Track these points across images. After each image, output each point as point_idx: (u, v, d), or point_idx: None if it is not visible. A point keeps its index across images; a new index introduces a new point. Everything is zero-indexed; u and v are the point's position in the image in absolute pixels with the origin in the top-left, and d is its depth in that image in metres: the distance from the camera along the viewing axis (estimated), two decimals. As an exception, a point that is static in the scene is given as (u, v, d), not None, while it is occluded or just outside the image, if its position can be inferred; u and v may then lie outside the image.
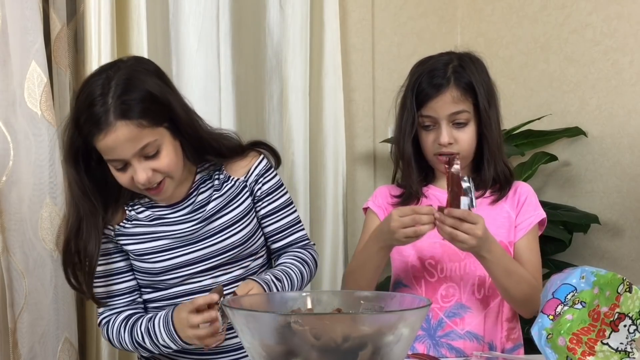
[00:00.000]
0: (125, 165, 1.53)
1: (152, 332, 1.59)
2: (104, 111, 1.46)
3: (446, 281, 1.72)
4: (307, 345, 1.08)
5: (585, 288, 1.36)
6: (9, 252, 1.88)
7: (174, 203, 1.67)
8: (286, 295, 1.39)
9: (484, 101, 1.70)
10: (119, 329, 1.64)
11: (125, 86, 1.49)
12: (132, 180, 1.54)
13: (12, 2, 1.87)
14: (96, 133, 1.47)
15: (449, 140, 1.69)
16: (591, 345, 1.29)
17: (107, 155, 1.52)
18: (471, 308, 1.71)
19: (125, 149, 1.49)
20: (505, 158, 1.78)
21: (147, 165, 1.52)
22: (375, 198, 1.85)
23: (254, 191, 1.71)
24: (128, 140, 1.48)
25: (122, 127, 1.47)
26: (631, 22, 2.42)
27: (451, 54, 1.75)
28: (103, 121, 1.46)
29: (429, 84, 1.69)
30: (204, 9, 2.31)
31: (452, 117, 1.69)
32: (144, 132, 1.49)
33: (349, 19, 2.66)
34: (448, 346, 1.71)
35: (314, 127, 2.51)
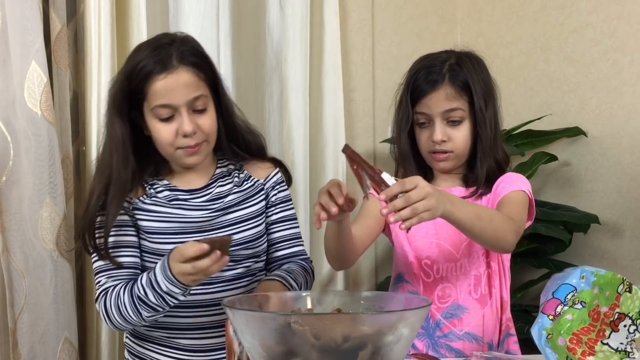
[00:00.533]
0: (171, 117, 1.57)
1: (153, 281, 1.51)
2: (167, 55, 1.56)
3: (442, 281, 1.72)
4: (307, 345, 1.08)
5: (585, 288, 1.36)
6: (9, 252, 1.88)
7: (193, 189, 1.68)
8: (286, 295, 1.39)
9: (479, 100, 1.69)
10: (118, 292, 1.57)
11: (189, 42, 1.62)
12: (174, 134, 1.57)
13: (12, 2, 1.87)
14: (157, 73, 1.55)
15: (442, 137, 1.68)
16: (591, 345, 1.29)
17: (159, 100, 1.56)
18: (468, 309, 1.71)
19: (181, 93, 1.56)
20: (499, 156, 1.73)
21: (194, 119, 1.58)
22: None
23: (269, 196, 1.74)
24: (186, 85, 1.56)
25: (184, 71, 1.56)
26: (631, 22, 2.42)
27: (450, 52, 1.75)
28: (167, 62, 1.55)
29: (425, 80, 1.69)
30: (204, 9, 2.31)
31: (446, 115, 1.68)
32: (200, 83, 1.59)
33: (349, 19, 2.66)
34: (447, 347, 1.71)
35: (314, 127, 2.50)
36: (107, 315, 1.58)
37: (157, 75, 1.55)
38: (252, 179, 1.73)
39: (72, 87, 2.10)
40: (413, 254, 1.74)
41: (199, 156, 1.62)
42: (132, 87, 1.58)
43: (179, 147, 1.59)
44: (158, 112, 1.57)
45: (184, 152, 1.60)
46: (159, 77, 1.55)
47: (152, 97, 1.56)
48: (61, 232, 1.95)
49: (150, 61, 1.56)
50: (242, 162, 1.75)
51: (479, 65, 1.73)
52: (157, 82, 1.55)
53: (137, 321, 1.55)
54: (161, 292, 1.50)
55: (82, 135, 2.11)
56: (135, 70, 1.57)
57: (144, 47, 1.62)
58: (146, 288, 1.52)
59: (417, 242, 1.73)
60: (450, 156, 1.71)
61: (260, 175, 1.75)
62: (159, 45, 1.59)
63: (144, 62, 1.56)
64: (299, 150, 2.45)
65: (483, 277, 1.71)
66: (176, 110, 1.57)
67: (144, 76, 1.56)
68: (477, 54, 1.77)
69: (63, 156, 2.01)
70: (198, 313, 1.66)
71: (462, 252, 1.70)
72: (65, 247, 1.97)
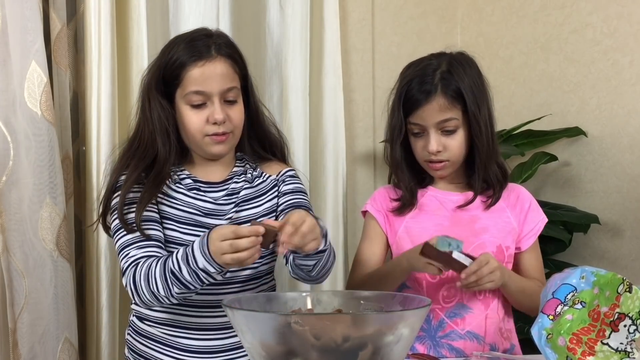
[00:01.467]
0: (203, 105, 1.62)
1: (190, 257, 1.46)
2: (206, 45, 1.63)
3: (447, 282, 1.72)
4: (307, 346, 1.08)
5: (585, 288, 1.36)
6: (9, 252, 1.88)
7: (212, 182, 1.70)
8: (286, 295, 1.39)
9: (473, 107, 1.68)
10: (150, 265, 1.53)
11: (225, 37, 1.69)
12: (204, 121, 1.62)
13: (12, 2, 1.87)
14: (195, 60, 1.60)
15: (437, 148, 1.69)
16: (591, 345, 1.29)
17: (194, 86, 1.61)
18: (472, 309, 1.72)
19: (216, 82, 1.61)
20: (499, 159, 1.77)
21: (225, 108, 1.63)
22: (373, 201, 1.84)
23: (279, 188, 1.74)
24: (222, 75, 1.62)
25: (221, 61, 1.63)
26: (631, 22, 2.42)
27: (441, 57, 1.73)
28: (205, 51, 1.62)
29: (417, 90, 1.68)
30: (204, 9, 2.31)
31: (440, 125, 1.68)
32: (234, 76, 1.65)
33: (349, 19, 2.66)
34: (448, 346, 1.71)
35: (314, 127, 2.50)
36: (134, 288, 1.54)
37: (195, 62, 1.61)
38: (265, 174, 1.75)
39: (72, 87, 2.10)
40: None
41: (225, 146, 1.66)
42: (167, 75, 1.64)
43: (207, 134, 1.63)
44: (191, 98, 1.62)
45: (211, 140, 1.64)
46: (197, 64, 1.60)
47: (187, 83, 1.61)
48: (61, 232, 1.95)
49: (188, 50, 1.62)
50: (259, 163, 1.76)
51: (470, 68, 1.72)
52: (195, 69, 1.60)
53: (165, 296, 1.51)
54: (196, 269, 1.45)
55: (82, 135, 2.11)
56: (172, 58, 1.63)
57: (180, 38, 1.67)
58: (181, 263, 1.47)
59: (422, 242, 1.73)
60: (447, 164, 1.72)
61: (272, 171, 1.76)
62: (196, 36, 1.65)
63: (182, 51, 1.62)
64: (299, 150, 2.45)
65: None
66: (209, 99, 1.62)
67: (181, 63, 1.61)
68: (467, 55, 1.75)
69: (63, 156, 2.01)
70: (203, 313, 1.66)
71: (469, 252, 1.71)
72: (66, 247, 1.97)
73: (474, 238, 1.73)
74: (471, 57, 1.75)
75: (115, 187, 1.66)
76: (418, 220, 1.77)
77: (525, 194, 1.81)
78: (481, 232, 1.73)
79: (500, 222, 1.75)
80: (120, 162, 1.69)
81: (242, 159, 1.77)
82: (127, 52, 2.13)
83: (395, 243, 1.78)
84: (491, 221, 1.74)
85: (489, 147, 1.71)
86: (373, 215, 1.82)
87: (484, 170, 1.73)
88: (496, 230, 1.73)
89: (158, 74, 1.65)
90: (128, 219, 1.61)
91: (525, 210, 1.78)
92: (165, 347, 1.68)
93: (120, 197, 1.62)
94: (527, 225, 1.78)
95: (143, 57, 2.13)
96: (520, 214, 1.78)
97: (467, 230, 1.73)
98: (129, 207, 1.62)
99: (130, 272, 1.56)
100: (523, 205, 1.79)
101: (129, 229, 1.60)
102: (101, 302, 2.05)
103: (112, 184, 1.67)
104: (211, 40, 1.65)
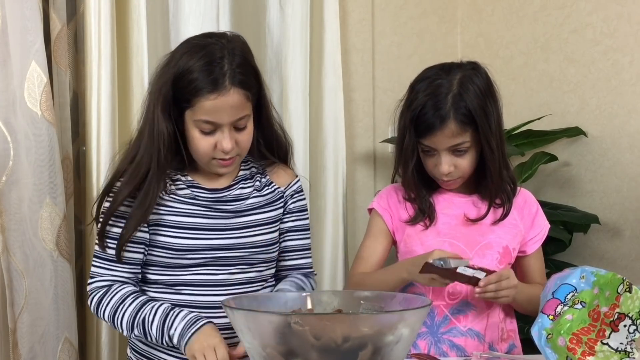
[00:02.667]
0: (213, 131, 1.58)
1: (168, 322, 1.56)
2: (221, 74, 1.54)
3: None
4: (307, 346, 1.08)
5: (585, 288, 1.37)
6: (9, 252, 1.88)
7: (216, 188, 1.69)
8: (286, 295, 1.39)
9: (484, 128, 1.66)
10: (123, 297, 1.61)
11: (242, 57, 1.59)
12: (212, 147, 1.59)
13: (12, 2, 1.87)
14: (209, 92, 1.54)
15: (448, 170, 1.69)
16: (591, 345, 1.29)
17: (205, 116, 1.56)
18: (476, 307, 1.72)
19: (228, 114, 1.56)
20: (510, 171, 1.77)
21: (233, 135, 1.59)
22: (380, 199, 1.83)
23: (287, 203, 1.75)
24: (234, 107, 1.56)
25: (235, 93, 1.55)
26: (631, 22, 2.42)
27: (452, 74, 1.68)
28: (220, 83, 1.54)
29: (429, 116, 1.65)
30: (204, 9, 2.31)
31: (452, 148, 1.67)
32: (247, 104, 1.59)
33: (349, 19, 2.66)
34: (449, 342, 1.71)
35: (314, 127, 2.50)
36: (96, 311, 1.63)
37: (208, 94, 1.54)
38: (273, 185, 1.74)
39: (72, 87, 2.10)
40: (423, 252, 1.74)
41: (230, 168, 1.66)
42: (178, 93, 1.58)
43: (215, 157, 1.61)
44: (201, 126, 1.58)
45: (217, 163, 1.62)
46: (209, 97, 1.54)
47: (198, 111, 1.56)
48: (61, 232, 1.95)
49: (202, 77, 1.54)
50: (265, 166, 1.76)
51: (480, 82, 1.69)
52: (207, 101, 1.55)
53: (122, 331, 1.62)
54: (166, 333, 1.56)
55: (82, 135, 2.11)
56: (186, 78, 1.56)
57: (195, 52, 1.57)
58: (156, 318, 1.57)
59: (429, 241, 1.73)
60: (458, 181, 1.74)
61: (281, 182, 1.75)
62: (212, 59, 1.56)
63: (196, 75, 1.55)
64: (299, 150, 2.44)
65: None
66: (219, 128, 1.58)
67: (194, 90, 1.55)
68: (479, 65, 1.72)
69: (63, 156, 2.01)
70: (206, 315, 1.66)
71: (476, 252, 1.72)
72: (66, 247, 1.97)
73: (480, 238, 1.73)
74: (483, 67, 1.72)
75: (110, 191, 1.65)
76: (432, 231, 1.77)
77: (532, 198, 1.82)
78: (488, 232, 1.74)
79: (507, 224, 1.75)
80: (120, 165, 1.67)
81: (247, 162, 1.76)
82: (127, 52, 2.13)
83: (403, 241, 1.78)
84: (499, 225, 1.75)
85: (500, 163, 1.71)
86: (379, 213, 1.81)
87: (496, 185, 1.73)
88: (503, 231, 1.74)
89: (169, 86, 1.58)
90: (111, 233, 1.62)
91: (532, 214, 1.79)
92: (168, 346, 1.68)
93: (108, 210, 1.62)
94: (534, 229, 1.79)
95: (143, 57, 2.13)
96: (528, 217, 1.79)
97: (474, 230, 1.73)
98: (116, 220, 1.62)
99: (97, 294, 1.63)
100: (530, 209, 1.79)
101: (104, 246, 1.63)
102: (101, 302, 2.05)
103: (107, 187, 1.66)
104: (226, 63, 1.55)
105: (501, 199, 1.75)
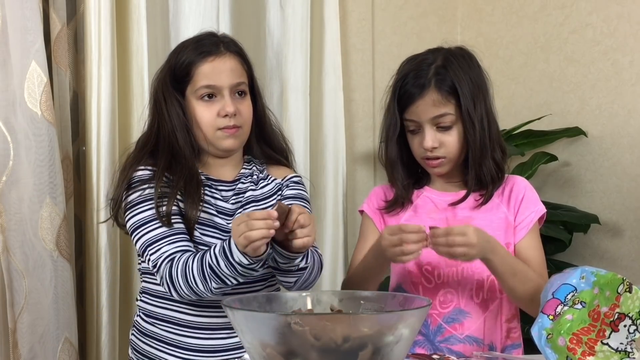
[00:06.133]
0: (214, 97, 1.67)
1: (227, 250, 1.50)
2: (214, 43, 1.69)
3: (444, 287, 1.71)
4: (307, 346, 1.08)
5: (585, 288, 1.36)
6: (9, 252, 1.88)
7: (223, 180, 1.72)
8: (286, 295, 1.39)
9: (467, 103, 1.65)
10: (186, 261, 1.56)
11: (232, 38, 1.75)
12: (215, 115, 1.66)
13: (12, 2, 1.87)
14: (205, 56, 1.66)
15: (432, 144, 1.66)
16: (591, 345, 1.29)
17: (205, 80, 1.65)
18: (470, 313, 1.70)
19: (227, 76, 1.66)
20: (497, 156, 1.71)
21: (234, 102, 1.67)
22: (369, 200, 1.83)
23: (283, 191, 1.76)
24: (231, 69, 1.67)
25: (230, 57, 1.68)
26: (631, 22, 2.42)
27: (438, 52, 1.70)
28: (214, 48, 1.67)
29: (411, 85, 1.66)
30: (204, 9, 2.31)
31: (435, 121, 1.65)
32: (243, 72, 1.71)
33: (349, 19, 2.66)
34: (448, 350, 1.70)
35: (314, 127, 2.50)
36: (171, 284, 1.58)
37: (205, 57, 1.66)
38: (270, 177, 1.77)
39: (72, 87, 2.10)
40: (413, 261, 1.70)
41: (235, 140, 1.69)
42: (177, 74, 1.68)
43: (219, 127, 1.66)
44: (202, 92, 1.66)
45: (223, 133, 1.66)
46: (207, 60, 1.66)
47: (197, 79, 1.66)
48: (61, 232, 1.95)
49: (197, 48, 1.67)
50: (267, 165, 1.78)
51: (467, 63, 1.69)
52: (205, 64, 1.65)
53: (204, 291, 1.55)
54: (232, 261, 1.49)
55: (82, 135, 2.11)
56: (182, 59, 1.67)
57: (188, 42, 1.72)
58: (219, 257, 1.51)
59: None
60: (444, 161, 1.69)
61: (278, 175, 1.78)
62: (203, 37, 1.71)
63: (191, 51, 1.67)
64: (299, 150, 2.44)
65: (486, 282, 1.70)
66: (219, 92, 1.66)
67: (190, 61, 1.66)
68: (466, 49, 1.72)
69: (63, 156, 2.01)
70: (209, 313, 1.67)
71: None
72: (66, 247, 1.97)
73: None
74: (470, 51, 1.72)
75: (131, 183, 1.66)
76: (413, 222, 1.75)
77: (520, 185, 1.75)
78: None
79: (495, 220, 1.72)
80: (135, 158, 1.69)
81: (250, 162, 1.79)
82: (127, 52, 2.13)
83: None
84: (486, 220, 1.71)
85: (482, 143, 1.67)
86: (369, 215, 1.81)
87: (477, 168, 1.69)
88: (491, 229, 1.70)
89: (169, 74, 1.69)
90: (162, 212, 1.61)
91: (518, 201, 1.73)
92: (170, 346, 1.68)
93: (155, 189, 1.63)
94: (519, 216, 1.72)
95: (143, 57, 2.13)
96: (515, 205, 1.73)
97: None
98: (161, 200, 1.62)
99: (165, 269, 1.58)
100: (517, 197, 1.73)
101: (164, 222, 1.61)
102: (101, 302, 2.05)
103: (127, 180, 1.67)
104: (218, 39, 1.70)
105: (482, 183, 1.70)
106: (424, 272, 1.72)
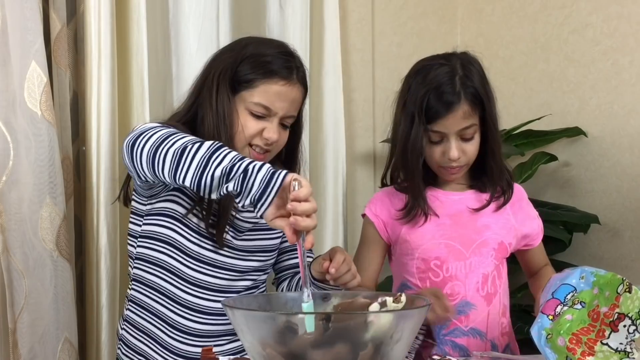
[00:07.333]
0: (263, 117, 1.60)
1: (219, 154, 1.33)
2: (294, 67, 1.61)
3: (451, 280, 1.72)
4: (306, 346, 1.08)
5: (585, 288, 1.37)
6: (9, 252, 1.88)
7: None
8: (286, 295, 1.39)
9: (491, 111, 1.69)
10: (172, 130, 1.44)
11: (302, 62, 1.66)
12: (257, 132, 1.59)
13: (12, 2, 1.87)
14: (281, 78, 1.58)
15: (458, 155, 1.68)
16: (591, 345, 1.29)
17: (266, 101, 1.58)
18: (475, 305, 1.73)
19: (286, 106, 1.60)
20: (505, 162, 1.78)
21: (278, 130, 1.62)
22: (373, 206, 1.82)
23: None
24: (293, 101, 1.62)
25: (300, 89, 1.63)
26: (631, 22, 2.42)
27: (451, 60, 1.69)
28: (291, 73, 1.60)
29: (439, 101, 1.64)
30: (204, 9, 2.31)
31: (462, 132, 1.67)
32: (300, 105, 1.65)
33: (349, 19, 2.66)
34: (452, 343, 1.71)
35: (314, 127, 2.50)
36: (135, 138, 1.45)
37: (279, 79, 1.58)
38: None
39: (72, 87, 2.10)
40: (420, 256, 1.74)
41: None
42: (240, 75, 1.59)
43: (252, 144, 1.61)
44: (255, 109, 1.59)
45: (252, 151, 1.62)
46: (279, 82, 1.58)
47: (257, 93, 1.58)
48: (61, 232, 1.95)
49: (278, 62, 1.59)
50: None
51: (479, 69, 1.71)
52: (275, 86, 1.58)
53: (162, 169, 1.38)
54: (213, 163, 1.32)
55: (82, 135, 2.11)
56: (258, 60, 1.59)
57: (266, 42, 1.66)
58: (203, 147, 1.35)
59: (424, 245, 1.73)
60: (464, 168, 1.73)
61: None
62: (287, 51, 1.64)
63: (270, 59, 1.59)
64: (299, 150, 2.45)
65: (490, 276, 1.73)
66: (269, 116, 1.60)
67: (267, 71, 1.58)
68: (472, 55, 1.73)
69: (63, 156, 2.01)
70: (203, 320, 1.65)
71: (472, 251, 1.72)
72: (65, 247, 1.97)
73: (476, 236, 1.73)
74: (475, 57, 1.73)
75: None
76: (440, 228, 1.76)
77: (522, 192, 1.84)
78: (483, 230, 1.74)
79: (501, 219, 1.75)
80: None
81: None
82: (127, 52, 2.13)
83: (397, 245, 1.78)
84: (492, 218, 1.75)
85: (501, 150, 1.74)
86: (371, 220, 1.81)
87: (499, 173, 1.74)
88: (497, 227, 1.74)
89: (232, 69, 1.59)
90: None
91: (525, 207, 1.81)
92: (161, 348, 1.66)
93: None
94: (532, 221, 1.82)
95: (143, 57, 2.13)
96: (521, 211, 1.79)
97: (468, 229, 1.73)
98: None
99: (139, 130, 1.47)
100: (521, 203, 1.81)
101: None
102: (101, 302, 2.05)
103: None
104: (296, 62, 1.64)
105: (502, 187, 1.76)
106: (432, 267, 1.73)
